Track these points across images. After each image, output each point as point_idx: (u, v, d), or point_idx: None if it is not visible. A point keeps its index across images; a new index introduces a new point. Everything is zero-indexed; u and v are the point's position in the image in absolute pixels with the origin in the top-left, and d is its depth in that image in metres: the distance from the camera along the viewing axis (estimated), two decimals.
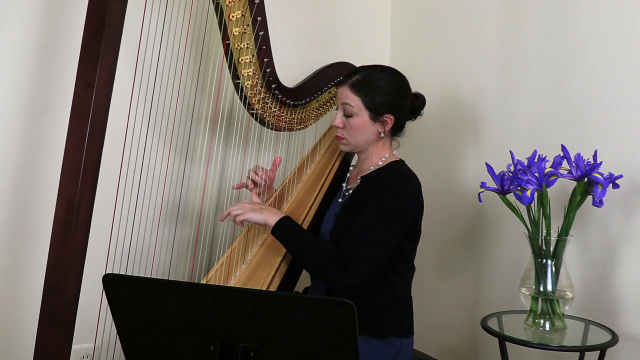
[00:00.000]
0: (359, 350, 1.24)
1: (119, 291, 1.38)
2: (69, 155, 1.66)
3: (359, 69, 2.06)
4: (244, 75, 2.03)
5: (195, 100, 2.37)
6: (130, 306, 1.39)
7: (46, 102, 2.17)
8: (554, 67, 2.27)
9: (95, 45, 1.65)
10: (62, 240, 1.65)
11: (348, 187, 2.16)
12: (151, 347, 1.39)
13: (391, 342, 1.98)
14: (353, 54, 2.45)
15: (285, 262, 2.03)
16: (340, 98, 2.05)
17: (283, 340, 1.31)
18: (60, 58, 2.17)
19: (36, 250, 2.08)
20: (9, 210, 2.16)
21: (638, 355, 1.99)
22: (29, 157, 2.17)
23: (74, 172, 1.65)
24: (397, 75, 2.10)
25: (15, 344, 2.14)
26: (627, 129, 2.03)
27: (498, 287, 2.45)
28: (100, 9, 1.66)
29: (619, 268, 2.05)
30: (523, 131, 2.36)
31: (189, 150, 2.39)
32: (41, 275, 1.66)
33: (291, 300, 1.37)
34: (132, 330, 1.39)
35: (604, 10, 2.10)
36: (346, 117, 2.03)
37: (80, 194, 1.65)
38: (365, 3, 2.97)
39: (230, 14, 1.93)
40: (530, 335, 1.90)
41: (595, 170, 1.84)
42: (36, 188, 2.18)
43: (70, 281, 1.65)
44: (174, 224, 2.36)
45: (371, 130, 2.05)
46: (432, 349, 2.34)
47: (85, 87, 1.65)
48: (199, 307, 1.35)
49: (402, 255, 2.01)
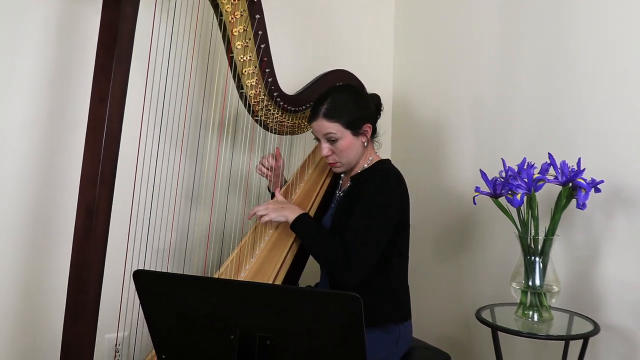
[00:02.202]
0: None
1: (148, 286, 1.42)
2: (86, 165, 1.69)
3: (320, 99, 2.08)
4: (247, 85, 2.08)
5: (203, 109, 2.40)
6: (158, 299, 1.43)
7: (66, 116, 2.20)
8: (543, 84, 2.29)
9: (108, 61, 1.68)
10: (83, 243, 1.68)
11: (341, 190, 2.22)
12: (177, 336, 1.43)
13: (390, 330, 2.04)
14: (357, 65, 2.47)
15: (290, 257, 2.08)
16: (319, 131, 2.07)
17: (296, 330, 1.34)
18: (77, 75, 2.19)
19: (60, 253, 2.12)
20: (34, 216, 2.20)
21: (617, 343, 2.02)
22: (51, 167, 2.21)
23: (92, 180, 1.68)
24: (353, 88, 2.15)
25: (45, 338, 2.18)
26: (608, 139, 2.06)
27: (491, 281, 2.48)
28: (111, 27, 1.69)
29: (600, 265, 2.08)
30: (514, 141, 2.39)
31: (198, 155, 2.41)
32: (65, 275, 1.69)
33: (303, 294, 1.42)
34: (160, 320, 1.43)
35: (590, 33, 2.13)
36: (331, 143, 2.07)
37: (98, 200, 1.67)
38: (370, 14, 2.98)
39: (234, 29, 1.97)
40: (520, 325, 1.94)
41: (579, 176, 1.89)
42: (58, 195, 2.21)
43: (92, 280, 1.69)
44: (187, 222, 2.39)
45: (357, 144, 2.09)
46: (431, 338, 2.34)
47: (100, 101, 1.68)
48: (220, 300, 1.39)
49: (394, 246, 2.06)
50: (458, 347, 2.61)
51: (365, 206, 1.99)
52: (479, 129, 2.58)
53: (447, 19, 2.76)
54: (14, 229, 2.16)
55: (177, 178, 2.27)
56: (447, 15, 2.76)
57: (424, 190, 2.62)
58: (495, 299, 2.26)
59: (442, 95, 2.77)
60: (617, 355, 2.04)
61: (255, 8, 1.98)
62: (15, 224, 2.17)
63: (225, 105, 2.32)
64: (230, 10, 1.95)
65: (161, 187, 2.13)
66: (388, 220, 2.00)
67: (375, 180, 2.04)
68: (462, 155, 2.65)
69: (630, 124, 2.00)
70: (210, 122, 2.41)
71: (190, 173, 2.41)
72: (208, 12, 2.02)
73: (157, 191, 2.08)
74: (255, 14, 1.98)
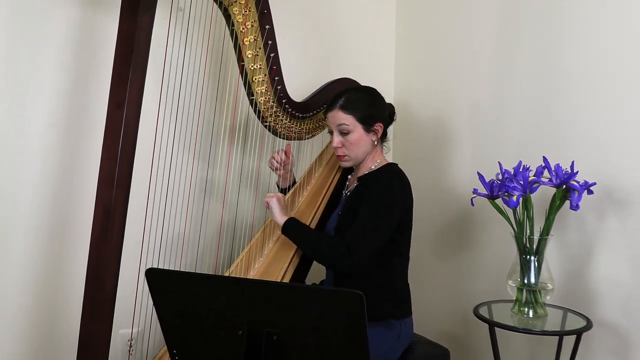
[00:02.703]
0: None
1: (160, 283, 1.42)
2: (104, 168, 1.70)
3: (340, 94, 2.11)
4: (257, 92, 2.08)
5: (215, 115, 2.40)
6: (169, 296, 1.42)
7: (84, 121, 2.21)
8: (537, 91, 2.29)
9: (125, 70, 1.68)
10: (100, 242, 1.68)
11: (348, 190, 2.22)
12: (188, 332, 1.43)
13: (392, 325, 2.04)
14: (360, 74, 2.48)
15: (297, 256, 2.08)
16: (333, 122, 2.09)
17: (301, 325, 1.34)
18: (95, 83, 2.20)
19: (78, 252, 2.13)
20: (53, 217, 2.20)
21: (609, 339, 2.02)
22: (70, 169, 2.21)
23: (109, 183, 1.68)
24: (371, 90, 2.16)
25: (62, 332, 2.19)
26: (600, 143, 2.06)
27: (488, 279, 2.48)
28: (128, 38, 1.70)
29: (593, 263, 2.08)
30: (510, 145, 2.39)
31: (210, 158, 2.42)
32: (83, 273, 1.69)
33: (308, 291, 1.42)
34: (171, 317, 1.43)
35: (582, 42, 2.13)
36: (343, 135, 2.09)
37: (115, 201, 1.68)
38: (371, 27, 2.98)
39: (244, 38, 1.98)
40: (516, 321, 1.93)
41: (572, 179, 1.89)
42: (76, 196, 2.22)
43: (108, 277, 1.69)
44: (199, 222, 2.38)
45: (367, 140, 2.11)
46: (431, 333, 2.34)
47: (117, 107, 1.69)
48: (229, 297, 1.39)
49: (396, 246, 2.07)
50: (457, 342, 2.61)
51: (369, 205, 2.00)
52: (477, 133, 2.58)
53: (447, 27, 2.76)
54: (34, 229, 2.17)
55: (190, 180, 2.29)
56: (447, 24, 2.76)
57: (424, 191, 2.61)
58: (492, 296, 2.25)
59: (441, 100, 2.77)
60: (609, 350, 2.04)
61: (265, 19, 1.99)
62: (35, 223, 2.17)
63: (236, 111, 2.30)
64: (241, 21, 1.96)
65: (175, 189, 2.13)
66: (390, 220, 2.01)
67: (381, 182, 2.05)
68: (460, 158, 2.66)
69: (622, 130, 2.00)
70: (222, 127, 2.41)
71: (203, 176, 2.41)
72: (220, 22, 2.03)
73: (170, 193, 2.08)
74: (265, 25, 1.99)
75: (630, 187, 1.98)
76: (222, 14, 1.98)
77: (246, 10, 1.96)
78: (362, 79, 2.43)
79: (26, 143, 2.15)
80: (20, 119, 2.13)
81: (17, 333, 2.15)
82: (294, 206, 2.25)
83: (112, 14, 2.00)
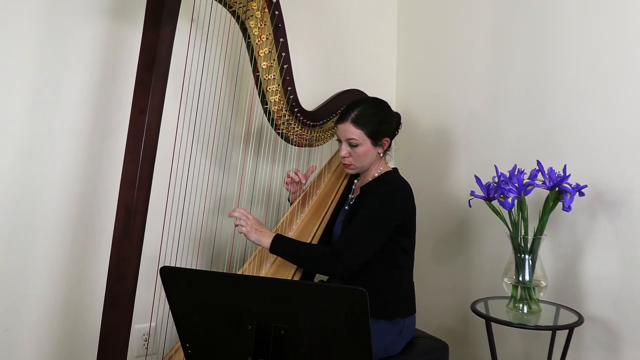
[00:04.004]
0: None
1: (173, 281, 1.39)
2: (126, 170, 1.67)
3: (352, 106, 2.03)
4: (271, 101, 2.04)
5: (231, 122, 2.38)
6: (182, 293, 1.40)
7: (108, 126, 2.18)
8: (531, 97, 2.25)
9: (148, 78, 1.66)
10: (122, 240, 1.65)
11: (352, 197, 2.16)
12: (200, 327, 1.41)
13: (395, 322, 1.98)
14: (364, 84, 2.44)
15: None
16: (343, 134, 2.02)
17: (308, 321, 1.32)
18: (119, 90, 2.17)
19: (101, 249, 2.12)
20: (78, 216, 2.17)
21: (600, 333, 1.99)
22: (94, 171, 2.17)
23: (131, 184, 1.65)
24: (382, 104, 2.09)
25: (85, 325, 2.16)
26: (591, 148, 2.03)
27: (485, 277, 2.44)
28: (151, 49, 1.67)
29: (584, 261, 2.04)
30: (505, 149, 2.36)
31: (226, 163, 2.38)
32: (105, 269, 1.67)
33: (314, 288, 1.39)
34: (184, 312, 1.41)
35: (574, 51, 2.09)
36: (351, 147, 2.03)
37: (136, 202, 1.65)
38: (374, 41, 2.95)
39: (259, 50, 1.95)
40: (511, 316, 1.91)
41: (564, 181, 1.86)
42: (100, 197, 2.18)
43: (129, 273, 1.65)
44: (214, 223, 2.35)
45: (373, 153, 2.05)
46: (430, 328, 2.33)
47: (140, 113, 1.66)
48: (239, 294, 1.37)
49: (400, 247, 2.00)
50: (455, 336, 2.57)
51: (362, 214, 1.94)
52: (474, 138, 2.53)
53: (445, 39, 2.72)
54: (60, 227, 2.12)
55: (207, 183, 2.26)
56: (445, 37, 2.72)
57: (423, 194, 2.59)
58: (488, 292, 2.25)
59: (440, 107, 2.73)
60: (600, 344, 2.00)
61: (279, 32, 1.95)
62: (61, 222, 2.13)
63: (251, 119, 2.29)
64: (257, 34, 1.93)
65: (192, 191, 2.11)
66: (381, 228, 1.93)
67: (377, 192, 1.99)
68: (458, 162, 2.61)
69: (611, 135, 1.97)
70: (237, 133, 2.39)
71: (219, 179, 2.38)
72: (237, 35, 2.01)
73: (188, 194, 2.07)
74: (279, 38, 1.95)
75: (619, 190, 1.95)
76: (239, 27, 1.95)
77: (262, 24, 1.92)
78: (366, 86, 2.39)
79: (52, 145, 2.11)
80: (48, 124, 2.09)
81: (44, 324, 2.11)
82: (304, 210, 2.19)
83: (136, 24, 1.98)
